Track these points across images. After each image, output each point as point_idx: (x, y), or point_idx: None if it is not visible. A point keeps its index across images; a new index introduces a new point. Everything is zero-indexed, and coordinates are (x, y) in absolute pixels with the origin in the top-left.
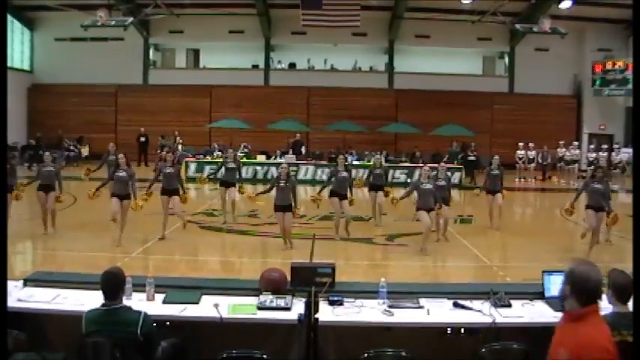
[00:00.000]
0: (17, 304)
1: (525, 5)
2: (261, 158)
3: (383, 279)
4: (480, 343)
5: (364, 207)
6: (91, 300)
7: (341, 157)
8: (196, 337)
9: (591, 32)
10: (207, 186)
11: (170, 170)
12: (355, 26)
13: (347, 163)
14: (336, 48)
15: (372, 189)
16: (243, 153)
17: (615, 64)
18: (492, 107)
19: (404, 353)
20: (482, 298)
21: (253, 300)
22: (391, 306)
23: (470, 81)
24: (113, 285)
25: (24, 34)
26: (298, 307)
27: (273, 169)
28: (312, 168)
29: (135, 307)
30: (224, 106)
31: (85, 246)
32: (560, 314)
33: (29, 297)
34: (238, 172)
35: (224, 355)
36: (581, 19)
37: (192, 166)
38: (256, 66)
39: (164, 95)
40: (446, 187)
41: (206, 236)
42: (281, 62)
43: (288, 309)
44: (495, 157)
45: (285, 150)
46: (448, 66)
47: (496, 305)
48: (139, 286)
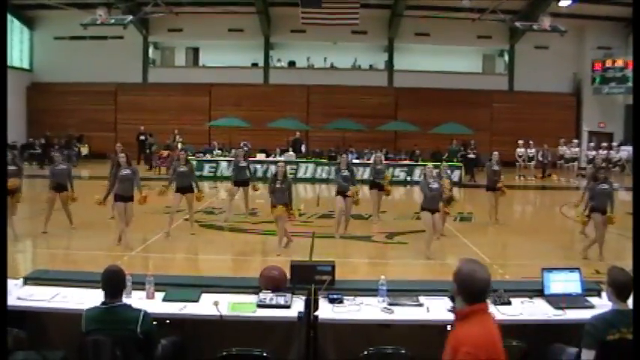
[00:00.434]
0: (17, 303)
1: (525, 3)
2: (260, 156)
3: (382, 277)
4: None
5: (364, 205)
6: (91, 298)
7: (343, 156)
8: (196, 335)
9: (591, 30)
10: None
11: (184, 169)
12: (355, 24)
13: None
14: (336, 46)
15: (373, 186)
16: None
17: (615, 62)
18: (492, 105)
19: (403, 351)
20: None
21: (253, 298)
22: (391, 304)
23: (470, 79)
24: (114, 283)
25: (23, 33)
26: (298, 305)
27: (272, 167)
28: (311, 166)
29: (135, 306)
30: (224, 105)
31: (85, 244)
32: (560, 311)
33: (29, 295)
34: (249, 170)
35: (224, 353)
36: (580, 17)
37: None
38: (256, 64)
39: (164, 94)
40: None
41: (206, 234)
42: (280, 60)
43: (287, 307)
44: (495, 153)
45: (285, 148)
46: (448, 64)
47: (496, 303)
48: (139, 285)
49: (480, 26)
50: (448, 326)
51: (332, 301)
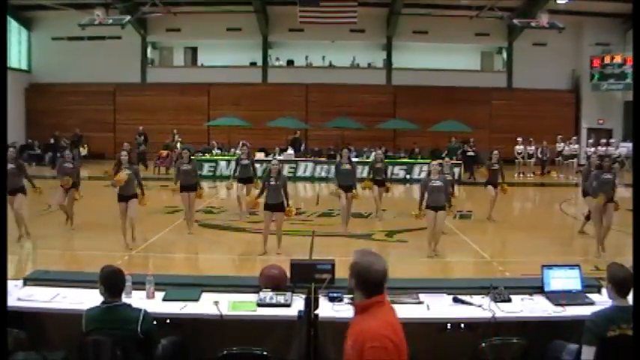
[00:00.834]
0: (17, 304)
1: (523, 0)
2: (259, 156)
3: None
4: (480, 338)
5: (364, 203)
6: (91, 298)
7: (345, 151)
8: (196, 335)
9: (589, 27)
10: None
11: (187, 167)
12: (353, 23)
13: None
14: (334, 45)
15: (373, 184)
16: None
17: (613, 59)
18: (491, 103)
19: None
20: (481, 293)
21: (253, 297)
22: (391, 301)
23: (468, 76)
24: (113, 282)
25: (21, 34)
26: (298, 304)
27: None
28: (311, 165)
29: (135, 305)
30: (222, 104)
31: (85, 244)
32: (560, 308)
33: (29, 296)
34: (252, 168)
35: (224, 352)
36: (578, 14)
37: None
38: (254, 63)
39: (162, 94)
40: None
41: (205, 234)
42: (279, 59)
43: (288, 306)
44: (495, 152)
45: (284, 147)
46: (446, 62)
47: (496, 300)
48: (139, 284)
49: (478, 24)
50: (449, 324)
51: (332, 300)
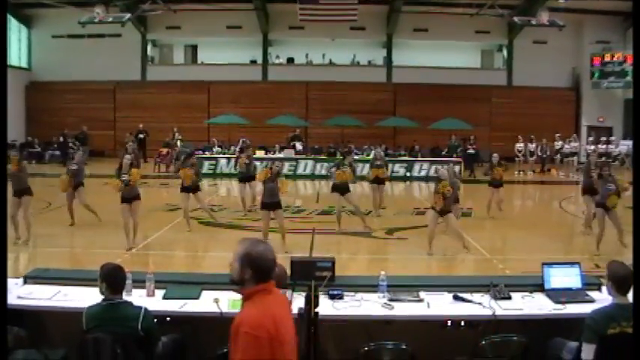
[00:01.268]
0: (17, 302)
1: None
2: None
3: (383, 272)
4: (480, 336)
5: (364, 201)
6: (92, 296)
7: (349, 157)
8: (196, 333)
9: (589, 24)
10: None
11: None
12: (353, 20)
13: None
14: (334, 42)
15: (374, 181)
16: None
17: (614, 57)
18: (491, 100)
19: (404, 346)
20: (482, 291)
21: None
22: (391, 299)
23: (468, 74)
24: (116, 279)
25: (21, 32)
26: (298, 302)
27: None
28: (311, 162)
29: (135, 303)
30: (222, 102)
31: (85, 243)
32: (560, 306)
33: (29, 294)
34: (253, 167)
35: (224, 350)
36: (579, 12)
37: None
38: (254, 61)
39: (162, 91)
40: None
41: (206, 232)
42: (279, 57)
43: None
44: (494, 155)
45: (284, 145)
46: (446, 59)
47: (496, 298)
48: (139, 282)
49: (478, 21)
50: (449, 321)
51: (332, 297)
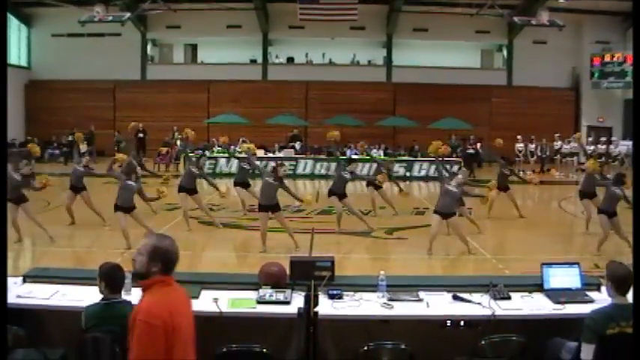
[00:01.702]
0: (16, 301)
1: None
2: (259, 153)
3: (382, 272)
4: (479, 336)
5: (363, 201)
6: (91, 295)
7: (354, 165)
8: (196, 332)
9: (589, 25)
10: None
11: (195, 171)
12: (353, 20)
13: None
14: (334, 42)
15: (372, 183)
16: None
17: (613, 57)
18: (491, 100)
19: (403, 346)
20: (481, 291)
21: (253, 294)
22: (390, 299)
23: (468, 74)
24: (115, 278)
25: (21, 31)
26: (298, 301)
27: (271, 164)
28: (310, 162)
29: (134, 302)
30: (222, 101)
31: (84, 242)
32: (559, 306)
33: (28, 293)
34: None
35: (224, 350)
36: (579, 12)
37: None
38: (254, 61)
39: (162, 91)
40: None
41: (205, 231)
42: (279, 57)
43: (287, 303)
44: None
45: (283, 144)
46: (446, 59)
47: (495, 298)
48: None
49: (478, 21)
50: (448, 321)
51: (332, 297)
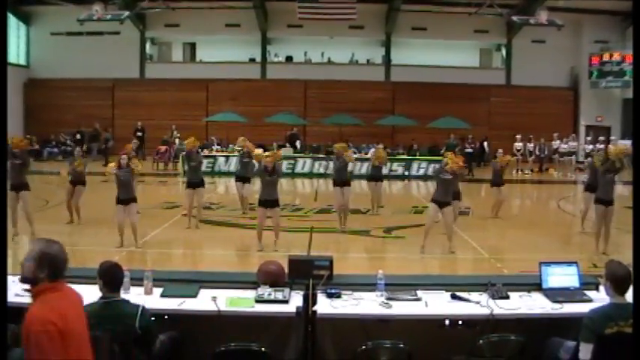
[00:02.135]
0: (15, 299)
1: None
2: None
3: (381, 271)
4: (478, 335)
5: (363, 199)
6: (89, 294)
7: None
8: (194, 331)
9: (588, 24)
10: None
11: (194, 163)
12: (352, 19)
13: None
14: (333, 41)
15: (372, 180)
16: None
17: (612, 56)
18: (489, 100)
19: (402, 345)
20: (480, 290)
21: (251, 293)
22: (389, 298)
23: (467, 73)
24: (114, 277)
25: (20, 29)
26: (296, 300)
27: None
28: (309, 161)
29: (133, 301)
30: (221, 100)
31: (83, 240)
32: (558, 305)
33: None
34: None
35: (222, 349)
36: (577, 11)
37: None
38: (253, 59)
39: (161, 89)
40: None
41: (203, 230)
42: (278, 55)
43: (286, 302)
44: (499, 150)
45: (282, 143)
46: (445, 58)
47: (494, 297)
48: (137, 280)
49: (477, 20)
50: (447, 320)
51: (330, 296)
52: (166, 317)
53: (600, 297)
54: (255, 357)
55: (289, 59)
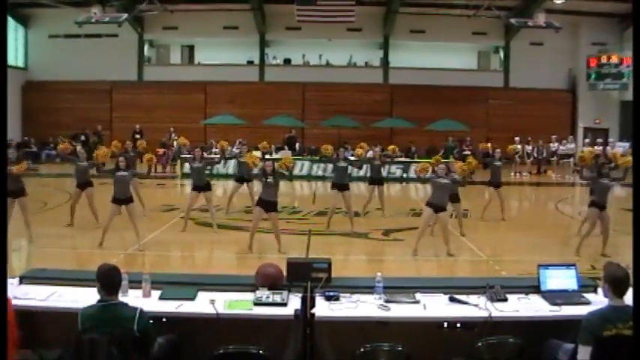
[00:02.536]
0: (13, 302)
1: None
2: (256, 154)
3: (379, 274)
4: (476, 337)
5: (361, 201)
6: (87, 297)
7: (341, 150)
8: (192, 334)
9: (586, 26)
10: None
11: (198, 165)
12: (350, 21)
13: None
14: (331, 43)
15: (372, 182)
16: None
17: (610, 58)
18: (487, 102)
19: (400, 348)
20: (478, 293)
21: (249, 296)
22: (387, 301)
23: (465, 76)
24: (112, 280)
25: (18, 31)
26: (294, 303)
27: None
28: (307, 163)
29: (131, 304)
30: (219, 102)
31: (81, 243)
32: (556, 307)
33: (25, 294)
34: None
35: (220, 351)
36: (575, 13)
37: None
38: (251, 62)
39: (159, 92)
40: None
41: (202, 232)
42: (276, 58)
43: (284, 304)
44: (497, 150)
45: (280, 146)
46: (443, 61)
47: (492, 299)
48: (135, 283)
49: (475, 23)
50: (445, 323)
51: (328, 299)
52: (164, 320)
53: (598, 299)
54: None
55: (287, 62)
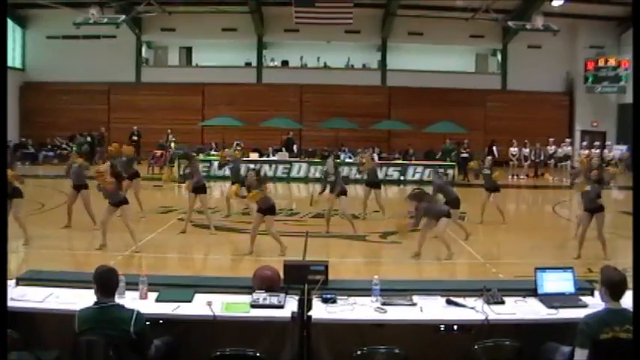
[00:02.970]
0: (10, 304)
1: (518, 2)
2: (253, 156)
3: (376, 276)
4: (473, 340)
5: (358, 205)
6: (84, 299)
7: (329, 161)
8: (189, 336)
9: (583, 29)
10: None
11: (187, 170)
12: (348, 24)
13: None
14: (329, 45)
15: (368, 185)
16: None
17: (607, 61)
18: (485, 104)
19: (397, 350)
20: (475, 295)
21: (246, 298)
22: (384, 303)
23: (463, 78)
24: (107, 282)
25: (15, 32)
26: (291, 305)
27: (266, 167)
28: (305, 165)
29: (128, 306)
30: (217, 104)
31: (77, 244)
32: (553, 310)
33: (22, 296)
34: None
35: (217, 353)
36: (573, 17)
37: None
38: (249, 63)
39: (157, 93)
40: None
41: (199, 234)
42: (274, 60)
43: (281, 307)
44: (488, 158)
45: (277, 147)
46: (441, 63)
47: (489, 302)
48: (132, 285)
49: (473, 25)
50: (442, 326)
51: (325, 301)
52: (161, 322)
53: (595, 302)
54: None
55: (285, 63)
